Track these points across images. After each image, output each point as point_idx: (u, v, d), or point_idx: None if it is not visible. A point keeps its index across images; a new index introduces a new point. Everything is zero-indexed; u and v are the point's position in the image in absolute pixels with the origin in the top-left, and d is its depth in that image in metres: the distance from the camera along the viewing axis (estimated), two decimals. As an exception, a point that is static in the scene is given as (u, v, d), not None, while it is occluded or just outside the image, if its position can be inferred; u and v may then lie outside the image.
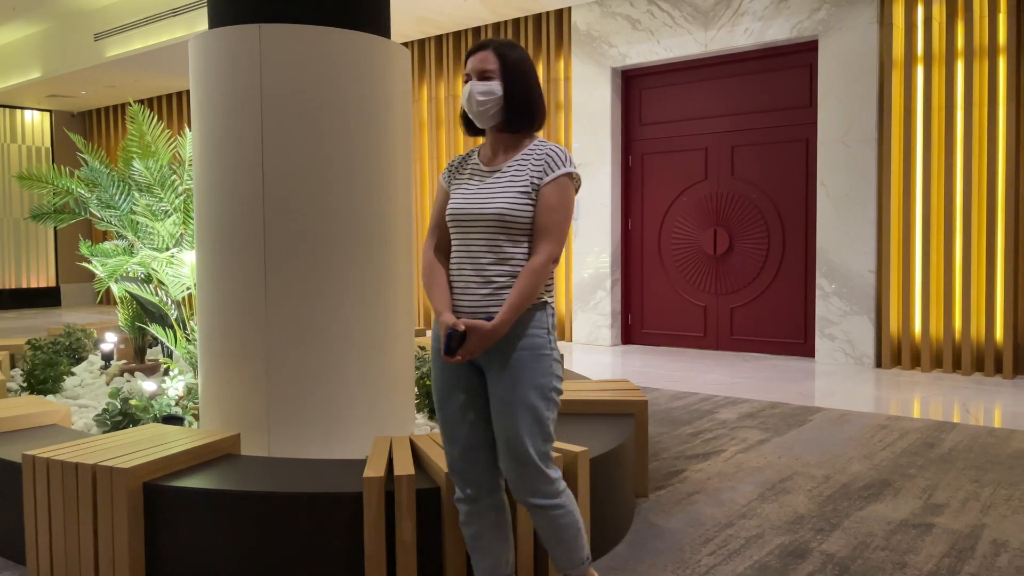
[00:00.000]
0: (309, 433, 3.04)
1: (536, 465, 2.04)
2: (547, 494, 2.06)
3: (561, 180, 2.05)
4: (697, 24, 7.30)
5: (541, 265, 2.01)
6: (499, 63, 2.07)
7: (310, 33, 3.01)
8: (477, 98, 2.06)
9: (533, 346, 2.04)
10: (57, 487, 2.55)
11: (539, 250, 2.03)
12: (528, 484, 2.05)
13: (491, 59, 2.07)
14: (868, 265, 6.53)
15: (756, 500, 3.35)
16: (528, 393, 2.02)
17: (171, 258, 4.53)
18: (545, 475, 2.06)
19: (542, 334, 2.07)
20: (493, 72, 2.07)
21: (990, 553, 2.78)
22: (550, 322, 2.10)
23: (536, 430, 2.03)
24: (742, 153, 7.35)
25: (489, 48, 2.09)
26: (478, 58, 2.08)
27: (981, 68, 6.10)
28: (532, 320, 2.05)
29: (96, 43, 9.96)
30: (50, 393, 4.49)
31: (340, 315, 3.07)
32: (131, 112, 4.93)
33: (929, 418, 4.79)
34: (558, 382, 2.09)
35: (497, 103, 2.06)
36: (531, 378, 2.03)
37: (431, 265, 2.15)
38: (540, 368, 2.04)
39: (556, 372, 2.09)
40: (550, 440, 2.08)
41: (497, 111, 2.07)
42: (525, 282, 2.00)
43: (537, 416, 2.03)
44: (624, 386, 3.65)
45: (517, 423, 2.01)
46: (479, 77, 2.08)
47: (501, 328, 1.99)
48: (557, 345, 2.15)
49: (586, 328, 8.11)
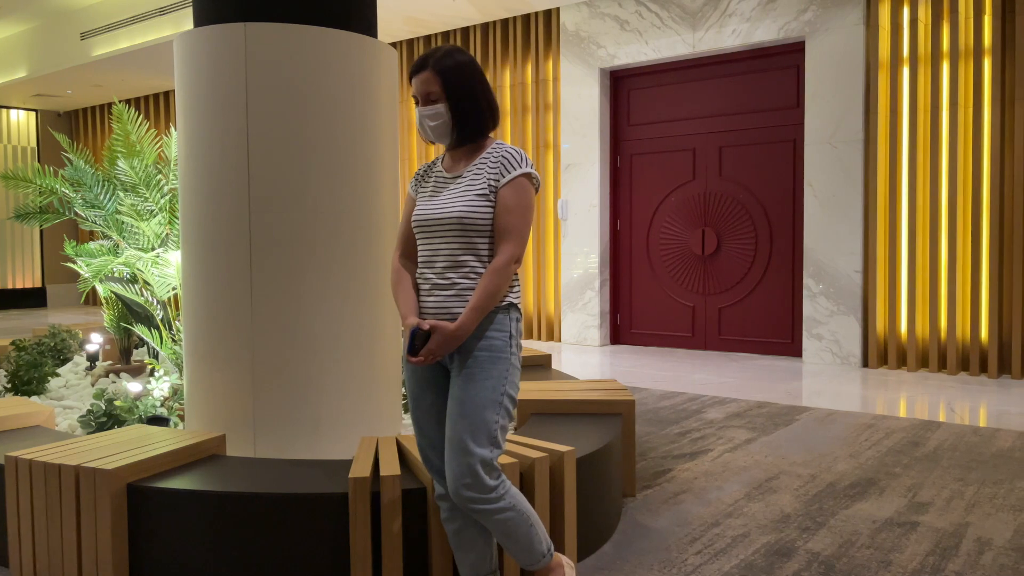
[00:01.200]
0: (295, 433, 3.03)
1: (475, 470, 1.99)
2: (486, 500, 2.02)
3: (518, 181, 2.06)
4: (685, 25, 7.32)
5: (503, 265, 2.02)
6: (440, 83, 2.06)
7: (296, 32, 3.00)
8: (427, 123, 2.09)
9: (492, 348, 2.05)
10: (40, 488, 2.53)
11: (500, 251, 2.04)
12: (466, 488, 2.01)
13: (432, 80, 2.06)
14: (855, 265, 6.56)
15: (742, 499, 3.36)
16: (478, 394, 2.01)
17: (156, 258, 4.51)
18: (483, 483, 2.00)
19: (503, 337, 2.07)
20: (436, 94, 2.06)
21: (974, 551, 2.80)
22: (513, 327, 2.09)
23: (481, 434, 2.00)
24: (730, 154, 7.37)
25: (428, 68, 2.07)
26: (420, 79, 2.08)
27: (966, 69, 6.14)
28: (493, 322, 2.06)
29: (82, 42, 9.90)
30: (34, 394, 4.46)
31: (326, 315, 3.06)
32: (116, 111, 4.90)
33: (915, 417, 4.82)
34: (512, 389, 2.07)
35: (447, 123, 2.08)
36: (484, 379, 2.02)
37: (397, 271, 2.18)
38: (495, 371, 2.04)
39: (511, 378, 2.07)
40: (497, 447, 2.04)
41: (448, 130, 2.09)
42: (487, 282, 2.01)
43: (483, 419, 2.01)
44: (612, 386, 3.65)
45: (462, 424, 2.01)
46: (424, 101, 2.08)
47: (464, 329, 2.00)
48: (519, 352, 2.12)
49: (575, 328, 8.12)
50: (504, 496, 2.05)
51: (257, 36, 2.98)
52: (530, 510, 2.12)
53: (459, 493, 2.01)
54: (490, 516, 2.04)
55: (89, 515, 2.44)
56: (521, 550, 2.11)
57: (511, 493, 2.08)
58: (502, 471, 2.08)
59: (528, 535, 2.09)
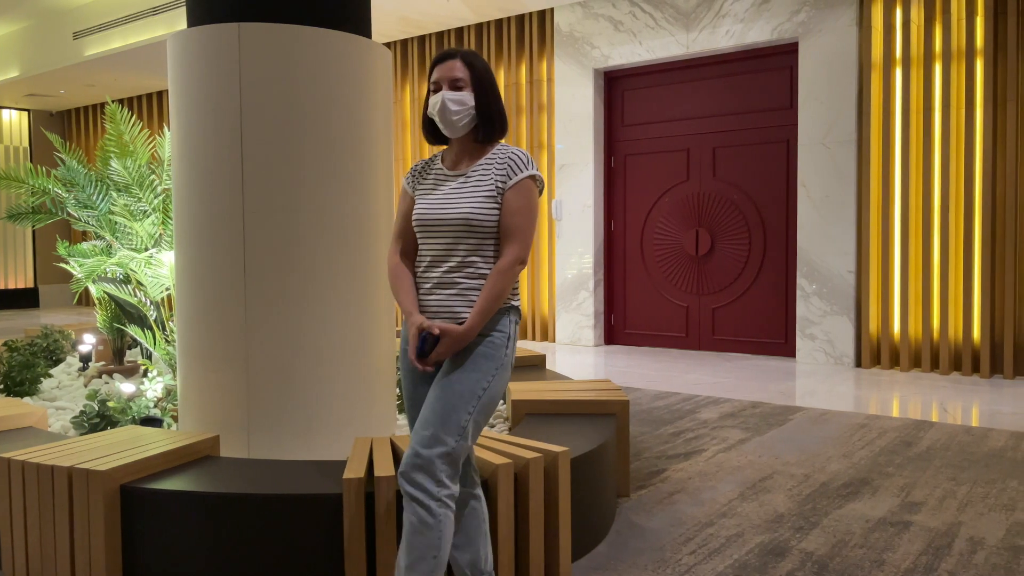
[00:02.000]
0: (289, 434, 3.03)
1: (428, 456, 1.94)
2: (426, 492, 1.94)
3: (525, 183, 2.06)
4: (679, 26, 7.33)
5: (508, 266, 2.03)
6: (469, 73, 2.07)
7: (290, 32, 3.00)
8: (451, 107, 2.06)
9: (488, 345, 2.05)
10: (33, 490, 2.52)
11: (506, 252, 2.04)
12: (415, 469, 1.95)
13: (461, 68, 2.07)
14: (848, 265, 6.58)
15: (736, 499, 3.36)
16: (460, 383, 2.01)
17: (150, 259, 4.49)
18: (433, 474, 1.94)
19: (501, 339, 2.07)
20: (464, 81, 2.07)
21: (967, 551, 2.81)
22: (512, 328, 2.10)
23: (450, 421, 1.98)
24: (724, 154, 7.39)
25: (457, 57, 2.09)
26: (447, 67, 2.08)
27: (959, 70, 6.17)
28: (496, 323, 2.06)
29: (75, 42, 9.86)
30: (27, 395, 4.44)
31: (320, 316, 3.06)
32: (109, 111, 4.89)
33: (907, 417, 4.84)
34: (496, 388, 2.05)
35: (469, 113, 2.07)
36: (471, 371, 2.02)
37: (396, 267, 2.17)
38: (484, 367, 2.03)
39: (498, 378, 2.05)
40: (462, 441, 1.98)
41: (468, 121, 2.08)
42: (493, 284, 2.02)
43: (456, 407, 1.99)
44: (606, 386, 3.66)
45: (437, 406, 1.99)
46: (450, 86, 2.07)
47: (471, 332, 2.01)
48: (513, 355, 2.11)
49: (569, 328, 8.12)
50: (440, 507, 1.97)
51: (251, 36, 2.97)
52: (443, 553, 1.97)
53: (407, 471, 1.97)
54: (415, 509, 1.95)
55: (82, 516, 2.43)
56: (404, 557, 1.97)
57: (447, 515, 1.98)
58: (457, 485, 2.01)
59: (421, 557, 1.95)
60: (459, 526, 2.17)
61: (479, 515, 2.20)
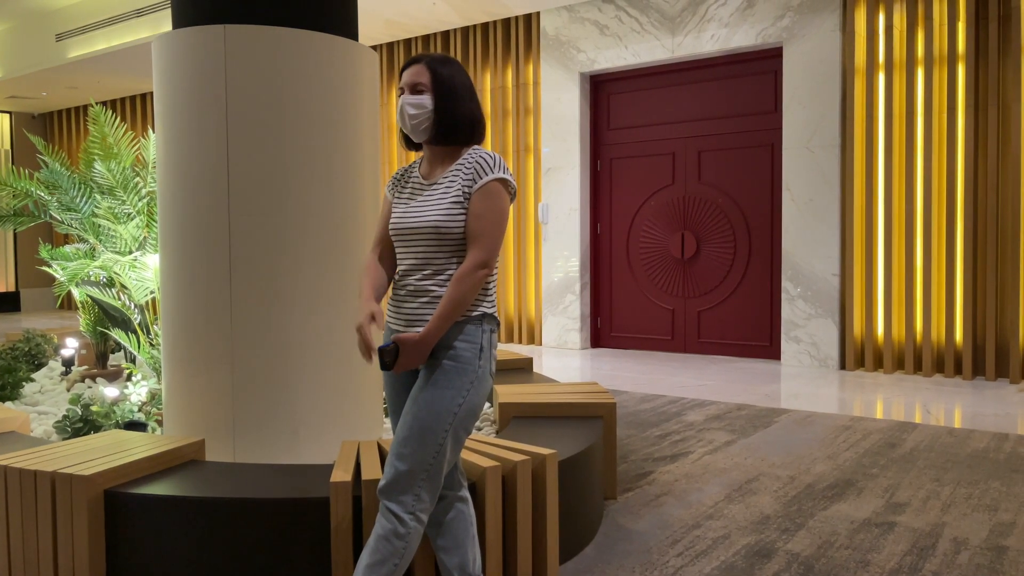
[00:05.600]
0: (275, 438, 3.01)
1: (405, 471, 1.97)
2: (401, 505, 1.98)
3: (490, 186, 2.03)
4: (664, 30, 7.37)
5: (468, 271, 1.99)
6: (430, 77, 2.07)
7: (276, 34, 2.99)
8: (409, 111, 2.07)
9: (457, 359, 2.02)
10: (15, 495, 2.49)
11: (468, 257, 2.01)
12: (393, 484, 1.99)
13: (423, 72, 2.08)
14: (832, 269, 6.63)
15: (723, 501, 3.37)
16: (434, 402, 1.99)
17: (134, 262, 4.46)
18: (411, 488, 1.97)
19: (472, 349, 2.03)
20: (424, 86, 2.07)
21: (950, 551, 2.83)
22: (485, 339, 2.05)
23: (426, 440, 1.97)
24: (709, 158, 7.42)
25: (421, 62, 2.10)
26: (411, 72, 2.10)
27: (941, 75, 6.23)
28: (462, 332, 2.03)
29: (58, 43, 9.78)
30: (9, 400, 4.39)
31: (306, 319, 3.04)
32: (93, 113, 4.85)
33: (891, 419, 4.87)
34: (473, 403, 2.02)
35: (428, 117, 2.07)
36: (444, 387, 1.99)
37: (369, 262, 2.18)
38: (458, 382, 2.00)
39: (475, 392, 2.02)
40: (440, 457, 1.98)
41: (429, 125, 2.08)
42: (452, 290, 1.99)
43: (430, 426, 1.98)
44: (593, 389, 3.66)
45: (412, 423, 1.99)
46: (411, 91, 2.08)
47: (429, 338, 1.98)
48: (492, 366, 2.07)
49: (555, 332, 8.13)
50: (413, 521, 1.99)
51: (237, 38, 2.96)
52: (404, 562, 1.99)
53: (386, 487, 2.00)
54: (389, 518, 1.99)
55: (66, 522, 2.40)
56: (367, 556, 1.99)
57: (418, 530, 2.01)
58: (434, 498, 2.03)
59: (383, 561, 1.97)
60: (447, 529, 2.16)
61: (467, 518, 2.19)
